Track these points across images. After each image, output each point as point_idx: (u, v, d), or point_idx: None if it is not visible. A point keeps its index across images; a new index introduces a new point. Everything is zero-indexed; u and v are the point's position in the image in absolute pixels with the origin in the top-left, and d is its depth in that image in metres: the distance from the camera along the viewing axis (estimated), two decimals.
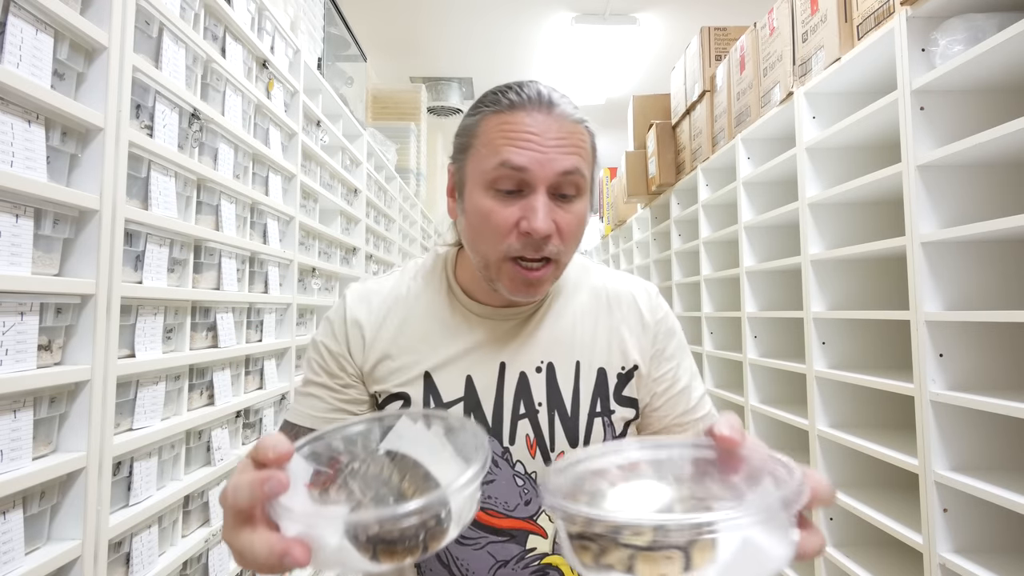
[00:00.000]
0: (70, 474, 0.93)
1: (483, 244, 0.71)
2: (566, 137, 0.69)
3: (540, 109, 0.69)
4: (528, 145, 0.68)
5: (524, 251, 0.69)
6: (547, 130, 0.69)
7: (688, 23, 3.85)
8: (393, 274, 0.84)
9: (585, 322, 0.80)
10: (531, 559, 0.75)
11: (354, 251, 2.64)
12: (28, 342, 0.86)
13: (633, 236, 3.98)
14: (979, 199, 1.32)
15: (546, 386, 0.77)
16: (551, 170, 0.68)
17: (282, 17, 1.77)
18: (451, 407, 0.75)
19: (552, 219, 0.69)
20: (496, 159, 0.68)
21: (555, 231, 0.69)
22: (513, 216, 0.69)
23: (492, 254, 0.71)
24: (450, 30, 4.07)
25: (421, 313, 0.79)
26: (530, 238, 0.68)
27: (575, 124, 0.71)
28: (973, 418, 1.29)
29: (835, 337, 1.74)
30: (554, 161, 0.68)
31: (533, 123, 0.69)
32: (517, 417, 0.75)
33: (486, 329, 0.78)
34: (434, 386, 0.76)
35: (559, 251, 0.71)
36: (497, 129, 0.70)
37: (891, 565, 1.58)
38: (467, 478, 0.40)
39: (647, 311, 0.83)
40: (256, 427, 1.61)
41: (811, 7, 1.72)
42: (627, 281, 0.86)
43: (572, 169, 0.69)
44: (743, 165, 2.19)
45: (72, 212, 0.95)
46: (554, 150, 0.68)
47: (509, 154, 0.68)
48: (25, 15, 0.85)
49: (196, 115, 1.27)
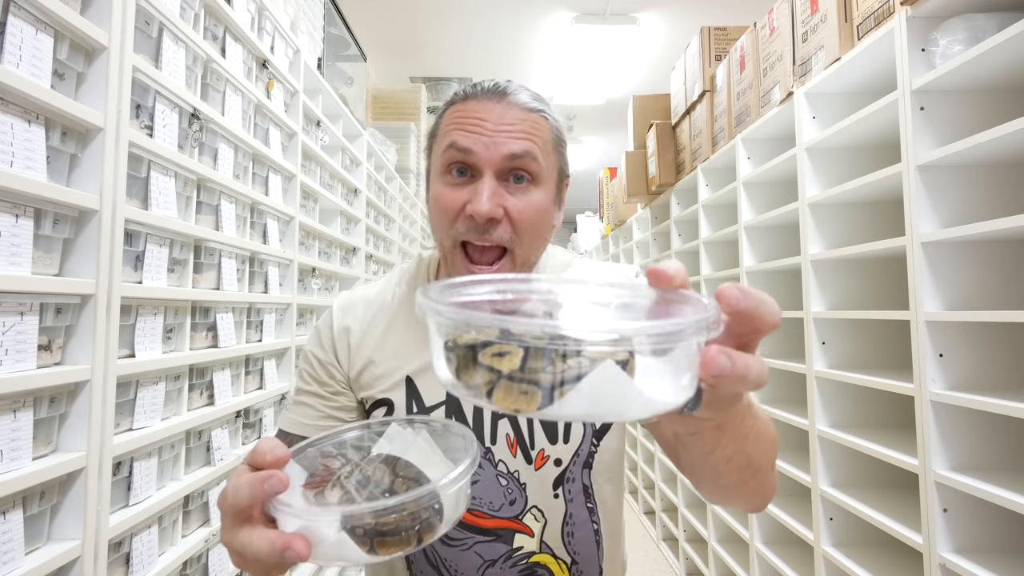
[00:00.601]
0: (70, 474, 0.93)
1: (438, 231, 0.73)
2: (516, 123, 0.70)
3: (492, 98, 0.71)
4: (475, 129, 0.69)
5: (469, 235, 0.69)
6: (496, 116, 0.69)
7: (688, 23, 3.85)
8: (380, 280, 0.85)
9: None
10: (519, 558, 0.75)
11: (354, 251, 2.64)
12: (28, 342, 0.86)
13: (633, 236, 3.98)
14: (979, 199, 1.32)
15: None
16: (497, 153, 0.68)
17: (282, 17, 1.77)
18: (433, 411, 0.75)
19: (500, 204, 0.68)
20: (445, 142, 0.70)
21: (504, 216, 0.69)
22: (461, 199, 0.69)
23: (445, 239, 0.72)
24: (450, 30, 4.07)
25: (404, 318, 0.79)
26: (474, 221, 0.68)
27: (529, 112, 0.71)
28: (973, 418, 1.29)
29: (835, 337, 1.74)
30: (501, 144, 0.68)
31: (482, 109, 0.70)
32: (497, 417, 0.76)
33: None
34: (416, 391, 0.76)
35: (511, 239, 0.70)
36: (451, 117, 0.72)
37: (891, 565, 1.58)
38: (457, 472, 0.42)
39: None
40: (256, 427, 1.61)
41: (811, 7, 1.72)
42: (606, 269, 0.86)
43: (521, 153, 0.69)
44: (743, 165, 2.19)
45: (72, 212, 0.95)
46: (502, 134, 0.69)
47: (456, 136, 0.69)
48: (25, 15, 0.85)
49: (196, 115, 1.27)
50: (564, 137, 0.77)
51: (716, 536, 2.59)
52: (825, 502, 1.71)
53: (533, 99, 0.72)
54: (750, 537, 2.21)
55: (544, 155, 0.71)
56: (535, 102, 0.72)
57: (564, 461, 0.76)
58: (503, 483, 0.75)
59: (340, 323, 0.80)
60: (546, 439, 0.76)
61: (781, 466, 1.95)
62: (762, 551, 2.11)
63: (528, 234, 0.71)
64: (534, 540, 0.75)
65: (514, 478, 0.75)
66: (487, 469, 0.75)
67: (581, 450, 0.77)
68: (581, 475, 0.78)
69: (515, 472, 0.75)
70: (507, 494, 0.75)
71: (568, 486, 0.77)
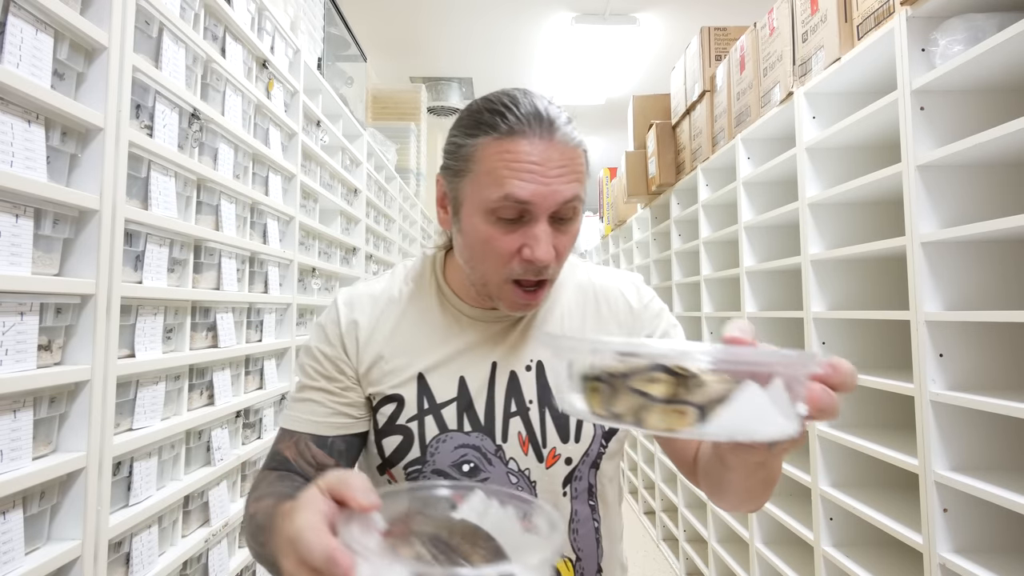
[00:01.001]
0: (70, 474, 0.93)
1: (483, 266, 0.73)
2: (567, 164, 0.69)
3: (540, 135, 0.69)
4: (531, 177, 0.67)
5: (525, 275, 0.71)
6: (548, 159, 0.68)
7: (688, 23, 3.85)
8: (383, 277, 0.85)
9: (573, 318, 0.82)
10: None
11: (354, 251, 2.64)
12: (28, 342, 0.86)
13: (633, 236, 3.98)
14: (979, 199, 1.32)
15: (536, 383, 0.78)
16: (553, 201, 0.69)
17: (282, 17, 1.77)
18: (444, 407, 0.76)
19: (553, 244, 0.70)
20: (499, 192, 0.68)
21: (555, 256, 0.71)
22: (515, 243, 0.70)
23: (493, 277, 0.73)
24: (450, 30, 4.07)
25: (413, 316, 0.80)
26: (532, 265, 0.70)
27: (574, 149, 0.71)
28: (973, 418, 1.29)
29: (835, 337, 1.74)
30: (556, 193, 0.68)
31: (534, 151, 0.68)
32: (509, 415, 0.76)
33: (477, 330, 0.79)
34: (427, 387, 0.77)
35: (555, 271, 0.73)
36: (498, 158, 0.68)
37: (891, 565, 1.58)
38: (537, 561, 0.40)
39: (634, 300, 0.84)
40: (256, 427, 1.61)
41: (811, 7, 1.72)
42: (613, 276, 0.87)
43: (572, 197, 0.70)
44: (743, 165, 2.19)
45: (72, 212, 0.95)
46: (556, 180, 0.68)
47: (512, 188, 0.67)
48: (25, 15, 0.85)
49: (196, 115, 1.27)
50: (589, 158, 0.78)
51: (716, 536, 2.59)
52: (825, 502, 1.71)
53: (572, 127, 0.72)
54: (750, 537, 2.21)
55: (584, 189, 0.73)
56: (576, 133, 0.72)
57: (574, 460, 0.77)
58: (513, 480, 0.76)
59: (348, 317, 0.79)
60: (558, 438, 0.77)
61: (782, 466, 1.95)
62: (762, 551, 2.11)
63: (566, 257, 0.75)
64: None
65: (524, 476, 0.76)
66: (497, 466, 0.76)
67: (591, 450, 0.78)
68: (588, 474, 0.79)
69: (526, 470, 0.76)
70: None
71: (575, 484, 0.78)
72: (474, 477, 0.75)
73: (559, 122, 0.70)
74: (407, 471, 0.76)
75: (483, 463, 0.75)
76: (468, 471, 0.75)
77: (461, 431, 0.76)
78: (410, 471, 0.76)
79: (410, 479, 0.76)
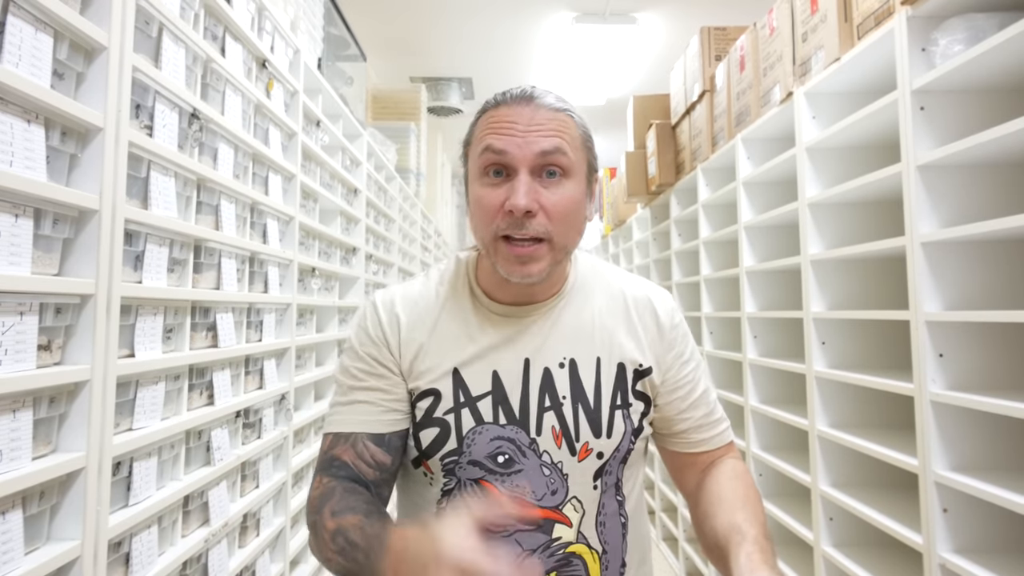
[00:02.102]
0: (70, 474, 0.93)
1: (480, 229, 0.77)
2: (545, 123, 0.75)
3: (521, 102, 0.76)
4: (507, 131, 0.74)
5: (510, 229, 0.74)
6: (526, 118, 0.74)
7: (688, 23, 3.85)
8: (417, 280, 0.88)
9: (605, 320, 0.84)
10: (556, 548, 0.77)
11: (354, 251, 2.64)
12: (28, 342, 0.86)
13: (633, 236, 3.98)
14: (979, 199, 1.32)
15: (569, 380, 0.80)
16: (530, 151, 0.73)
17: (282, 17, 1.77)
18: (480, 400, 0.79)
19: (535, 198, 0.73)
20: (481, 146, 0.75)
21: (539, 209, 0.73)
22: (500, 198, 0.74)
23: (486, 236, 0.76)
24: (450, 30, 4.07)
25: (448, 315, 0.83)
26: (513, 216, 0.73)
27: (556, 112, 0.76)
28: (973, 418, 1.29)
29: (835, 337, 1.74)
30: (532, 143, 0.73)
31: (513, 113, 0.75)
32: (543, 410, 0.79)
33: (509, 327, 0.82)
34: (463, 381, 0.79)
35: (548, 230, 0.74)
36: (484, 124, 0.77)
37: (891, 565, 1.58)
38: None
39: (664, 316, 0.86)
40: (256, 427, 1.61)
41: (811, 7, 1.72)
42: (644, 286, 0.89)
43: (551, 149, 0.74)
44: (743, 165, 2.19)
45: (72, 212, 0.95)
46: (533, 134, 0.74)
47: (491, 140, 0.74)
48: (25, 15, 0.85)
49: (196, 115, 1.27)
50: (590, 134, 0.82)
51: None
52: (825, 502, 1.71)
53: (558, 100, 0.78)
54: None
55: (573, 150, 0.76)
56: (561, 103, 0.78)
57: (606, 455, 0.80)
58: (546, 473, 0.78)
59: (388, 313, 0.83)
60: (591, 433, 0.79)
61: (781, 466, 1.95)
62: None
63: (563, 224, 0.76)
64: (572, 531, 0.78)
65: (557, 468, 0.78)
66: (531, 458, 0.78)
67: (621, 446, 0.80)
68: (617, 469, 0.82)
69: (559, 463, 0.78)
70: (549, 484, 0.78)
71: (605, 478, 0.80)
72: (509, 468, 0.77)
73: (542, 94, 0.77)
74: (443, 462, 0.78)
75: (518, 455, 0.77)
76: (503, 462, 0.77)
77: (496, 423, 0.78)
78: (447, 462, 0.78)
79: (446, 469, 0.78)
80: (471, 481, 0.77)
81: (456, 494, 0.78)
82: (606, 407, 0.80)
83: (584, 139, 0.79)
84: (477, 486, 0.77)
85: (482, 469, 0.77)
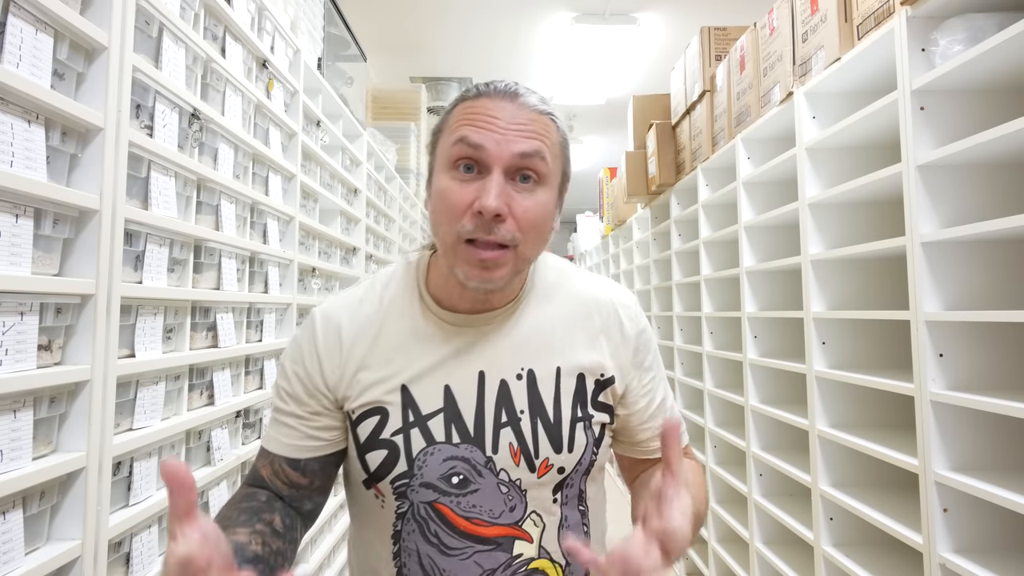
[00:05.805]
0: (70, 474, 0.93)
1: (442, 226, 0.71)
2: (527, 123, 0.70)
3: (504, 97, 0.71)
4: (487, 125, 0.69)
5: (476, 232, 0.68)
6: (508, 115, 0.69)
7: (688, 23, 3.85)
8: (360, 286, 0.82)
9: (565, 327, 0.79)
10: (518, 565, 0.74)
11: (354, 251, 2.64)
12: (28, 342, 0.86)
13: (633, 236, 3.98)
14: (979, 199, 1.32)
15: (527, 393, 0.76)
16: (508, 151, 0.68)
17: (282, 17, 1.77)
18: (431, 419, 0.74)
19: (507, 202, 0.68)
20: (455, 136, 0.70)
21: (509, 214, 0.68)
22: (469, 196, 0.68)
23: (448, 235, 0.70)
24: (450, 30, 4.07)
25: (394, 324, 0.77)
26: (482, 218, 0.67)
27: (539, 114, 0.72)
28: (973, 418, 1.29)
29: (835, 337, 1.74)
30: (512, 143, 0.68)
31: (494, 107, 0.70)
32: (499, 426, 0.74)
33: (461, 337, 0.77)
34: (411, 398, 0.75)
35: (515, 237, 0.69)
36: (461, 113, 0.71)
37: (891, 565, 1.58)
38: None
39: (628, 321, 0.82)
40: (256, 427, 1.61)
41: (811, 7, 1.72)
42: (608, 288, 0.84)
43: (531, 152, 0.69)
44: (743, 165, 2.19)
45: (72, 212, 0.95)
46: (513, 133, 0.69)
47: (467, 131, 0.69)
48: (25, 15, 0.85)
49: (196, 115, 1.27)
50: (568, 141, 0.78)
51: (716, 536, 2.59)
52: (825, 502, 1.71)
53: (542, 102, 0.73)
54: (750, 537, 2.21)
55: (552, 157, 0.72)
56: (544, 105, 0.73)
57: (567, 469, 0.76)
58: (503, 491, 0.74)
59: (327, 325, 0.77)
60: (551, 448, 0.75)
61: (782, 466, 1.95)
62: (762, 551, 2.11)
63: (532, 232, 0.71)
64: (533, 546, 0.75)
65: (515, 486, 0.75)
66: (488, 477, 0.74)
67: (583, 459, 0.77)
68: (579, 481, 0.79)
69: (517, 480, 0.75)
70: (507, 501, 0.74)
71: (566, 491, 0.77)
72: (464, 489, 0.73)
73: (527, 92, 0.72)
74: (394, 485, 0.74)
75: (473, 475, 0.74)
76: (457, 483, 0.73)
77: (449, 443, 0.74)
78: (397, 485, 0.74)
79: (397, 492, 0.75)
80: (424, 504, 0.74)
81: (410, 517, 0.75)
82: (567, 420, 0.76)
83: (563, 146, 0.75)
84: (432, 509, 0.74)
85: (435, 491, 0.73)
